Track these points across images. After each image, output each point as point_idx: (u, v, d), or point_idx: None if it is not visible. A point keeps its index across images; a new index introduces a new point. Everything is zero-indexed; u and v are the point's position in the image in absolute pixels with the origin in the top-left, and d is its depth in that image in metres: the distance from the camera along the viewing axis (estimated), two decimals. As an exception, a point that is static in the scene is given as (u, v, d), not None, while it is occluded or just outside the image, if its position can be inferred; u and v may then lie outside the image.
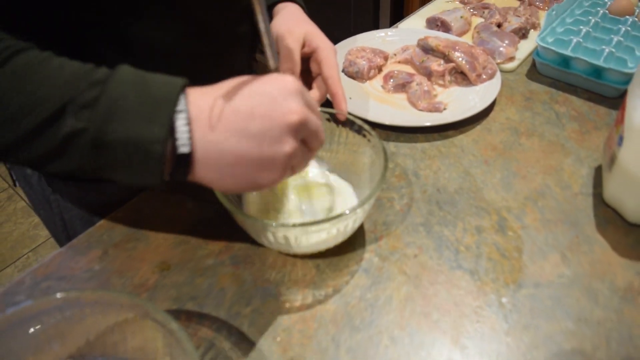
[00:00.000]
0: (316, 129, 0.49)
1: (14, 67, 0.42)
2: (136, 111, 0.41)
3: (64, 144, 0.42)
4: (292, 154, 0.46)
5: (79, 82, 0.42)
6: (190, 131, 0.43)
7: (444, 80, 0.88)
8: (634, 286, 0.57)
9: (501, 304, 0.56)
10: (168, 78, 0.44)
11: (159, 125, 0.41)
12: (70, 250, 0.62)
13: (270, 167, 0.46)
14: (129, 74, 0.43)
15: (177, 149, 0.43)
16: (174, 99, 0.42)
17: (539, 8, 1.12)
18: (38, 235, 2.06)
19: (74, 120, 0.41)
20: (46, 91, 0.41)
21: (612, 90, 0.85)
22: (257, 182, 0.47)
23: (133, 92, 0.42)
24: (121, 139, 0.41)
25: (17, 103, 0.41)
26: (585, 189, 0.70)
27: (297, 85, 0.48)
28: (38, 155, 0.43)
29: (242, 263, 0.60)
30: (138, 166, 0.43)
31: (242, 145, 0.44)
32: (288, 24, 0.68)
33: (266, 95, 0.45)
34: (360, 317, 0.55)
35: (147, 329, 0.46)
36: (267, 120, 0.44)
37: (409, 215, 0.66)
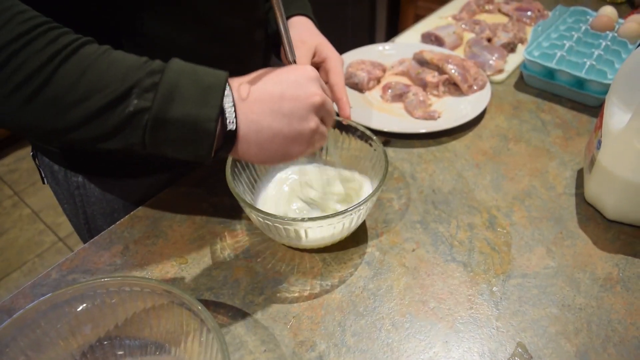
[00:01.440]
0: (331, 108, 0.57)
1: (83, 55, 0.47)
2: (191, 95, 0.48)
3: (129, 119, 0.47)
4: (316, 129, 0.54)
5: (139, 70, 0.48)
6: (235, 112, 0.50)
7: (438, 90, 0.91)
8: (613, 276, 0.61)
9: (492, 293, 0.60)
10: (212, 70, 0.51)
11: (211, 106, 0.48)
12: (94, 245, 0.66)
13: (299, 140, 0.54)
14: (181, 65, 0.50)
15: (226, 127, 0.50)
16: (222, 85, 0.49)
17: (526, 24, 1.15)
18: (43, 241, 2.08)
19: (140, 100, 0.47)
20: (112, 76, 0.47)
21: (593, 99, 0.88)
22: (289, 153, 0.54)
23: (187, 80, 0.48)
24: (179, 117, 0.47)
25: (87, 85, 0.46)
26: (569, 190, 0.73)
27: (315, 73, 0.56)
28: (105, 130, 0.48)
29: (255, 257, 0.64)
30: (192, 141, 0.49)
31: (276, 122, 0.52)
32: (302, 35, 0.74)
33: (292, 81, 0.54)
34: (363, 304, 0.59)
35: (173, 312, 0.51)
36: (295, 101, 0.53)
37: (407, 214, 0.70)
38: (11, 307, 0.60)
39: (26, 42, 0.45)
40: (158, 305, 0.51)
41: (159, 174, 0.77)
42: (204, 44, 0.67)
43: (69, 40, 0.47)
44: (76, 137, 0.49)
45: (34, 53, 0.45)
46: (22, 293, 0.61)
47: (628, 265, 0.63)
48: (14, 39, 0.44)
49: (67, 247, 2.05)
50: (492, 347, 0.55)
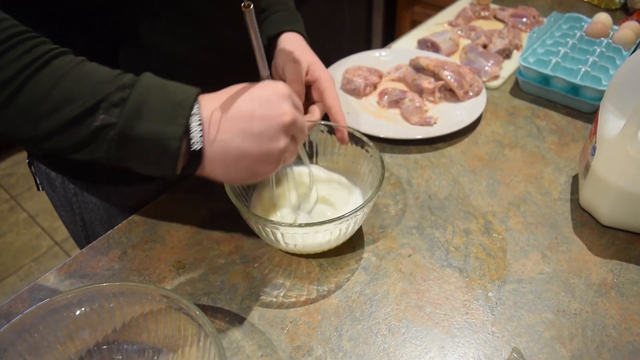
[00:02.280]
0: (303, 126, 0.56)
1: (56, 66, 0.47)
2: (158, 112, 0.48)
3: (95, 134, 0.48)
4: (285, 148, 0.53)
5: (110, 84, 0.48)
6: (202, 131, 0.49)
7: (434, 96, 0.92)
8: (607, 282, 0.62)
9: (487, 298, 0.60)
10: (184, 86, 0.51)
11: (177, 125, 0.48)
12: (92, 250, 0.67)
13: (268, 160, 0.53)
14: (151, 80, 0.50)
15: (191, 146, 0.49)
16: (190, 102, 0.49)
17: (522, 30, 1.16)
18: (40, 246, 2.07)
19: (106, 116, 0.47)
20: (83, 89, 0.47)
21: (588, 105, 0.89)
22: (257, 173, 0.54)
23: (155, 96, 0.48)
24: (144, 134, 0.47)
25: (58, 97, 0.47)
26: (564, 195, 0.74)
27: (288, 89, 0.54)
28: (71, 143, 0.48)
29: (252, 262, 0.65)
30: (156, 158, 0.49)
31: (245, 143, 0.51)
32: (294, 53, 0.74)
33: (263, 99, 0.52)
34: (360, 309, 0.59)
35: (171, 317, 0.51)
36: (265, 121, 0.51)
37: (404, 219, 0.70)
38: (9, 311, 0.60)
39: (1, 51, 0.45)
40: (156, 310, 0.51)
41: (157, 180, 0.77)
42: (202, 53, 0.68)
43: (43, 50, 0.47)
44: (48, 147, 0.50)
45: (7, 63, 0.45)
46: (20, 297, 0.61)
47: (622, 271, 0.63)
48: None
49: (64, 252, 2.05)
50: (488, 352, 0.55)
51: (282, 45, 0.77)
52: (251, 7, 0.52)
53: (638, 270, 0.63)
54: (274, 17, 0.80)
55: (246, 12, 0.52)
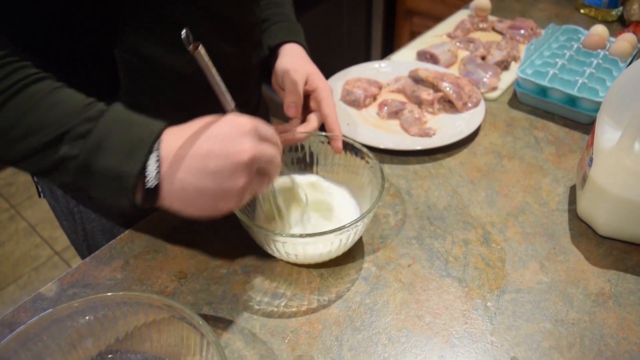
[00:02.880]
0: (270, 159, 0.55)
1: (27, 95, 0.49)
2: (118, 148, 0.50)
3: (58, 164, 0.50)
4: (246, 186, 0.52)
5: (77, 115, 0.50)
6: (159, 168, 0.50)
7: (433, 108, 0.93)
8: (605, 291, 0.63)
9: (486, 308, 0.61)
10: (150, 121, 0.52)
11: (134, 162, 0.49)
12: (94, 260, 0.67)
13: (227, 198, 0.53)
14: (118, 113, 0.51)
15: (145, 184, 0.50)
16: (151, 140, 0.50)
17: (519, 42, 1.17)
18: (39, 255, 2.07)
19: (69, 147, 0.49)
20: (50, 119, 0.49)
21: (586, 117, 0.90)
22: (217, 210, 0.54)
23: (118, 131, 0.50)
24: (104, 168, 0.50)
25: (25, 125, 0.49)
26: (562, 206, 0.75)
27: (251, 124, 0.53)
28: (39, 168, 0.51)
29: (253, 272, 0.65)
30: (114, 192, 0.51)
31: (201, 181, 0.51)
32: (294, 63, 0.75)
33: (222, 136, 0.52)
34: (360, 319, 0.60)
35: (173, 326, 0.52)
36: (222, 159, 0.51)
37: (403, 230, 0.71)
38: (12, 320, 0.60)
39: None
40: (159, 319, 0.52)
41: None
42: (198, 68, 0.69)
43: (20, 77, 0.49)
44: (21, 169, 0.53)
45: None
46: (23, 307, 0.62)
47: (620, 281, 0.64)
48: None
49: (64, 261, 2.05)
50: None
51: (282, 56, 0.78)
52: (199, 48, 0.51)
53: (635, 280, 0.64)
54: (274, 28, 0.81)
55: (195, 54, 0.52)
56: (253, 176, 0.53)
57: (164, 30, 0.63)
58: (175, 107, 0.68)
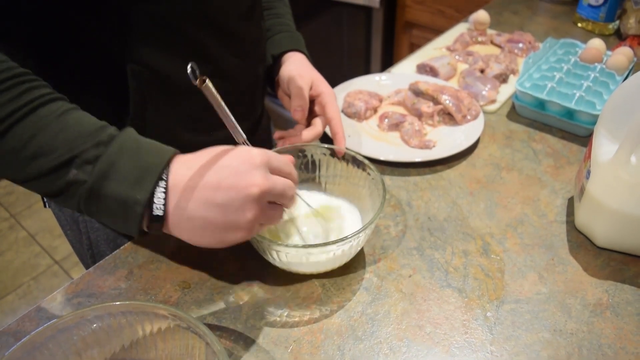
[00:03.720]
0: (281, 192, 0.55)
1: (41, 115, 0.50)
2: (127, 175, 0.50)
3: (66, 187, 0.50)
4: (255, 219, 0.53)
5: (88, 139, 0.50)
6: (166, 198, 0.51)
7: (433, 120, 0.94)
8: (603, 302, 0.63)
9: (486, 318, 0.62)
10: (160, 147, 0.52)
11: (142, 190, 0.50)
12: (98, 270, 0.68)
13: (235, 230, 0.53)
14: (128, 139, 0.51)
15: (152, 211, 0.51)
16: (159, 168, 0.51)
17: (518, 55, 1.18)
18: (39, 264, 2.08)
19: (77, 172, 0.49)
20: (60, 142, 0.49)
21: (583, 129, 0.91)
22: (224, 241, 0.54)
23: (127, 158, 0.50)
24: (111, 195, 0.50)
25: (35, 147, 0.49)
26: (560, 217, 0.76)
27: (262, 156, 0.54)
28: (47, 190, 0.51)
29: (256, 282, 0.66)
30: (121, 218, 0.51)
31: (208, 213, 0.52)
32: (298, 69, 0.77)
33: (232, 169, 0.52)
34: (362, 329, 0.61)
35: (179, 336, 0.52)
36: (231, 192, 0.51)
37: (404, 240, 0.72)
38: (17, 330, 0.61)
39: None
40: (164, 328, 0.53)
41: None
42: None
43: (33, 97, 0.49)
44: (31, 190, 0.52)
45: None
46: (28, 316, 0.62)
47: (617, 291, 0.65)
48: None
49: (63, 270, 2.05)
50: (487, 371, 0.56)
51: (286, 63, 0.80)
52: (206, 81, 0.52)
53: (633, 291, 0.65)
54: (277, 38, 0.83)
55: (203, 89, 0.52)
56: (264, 209, 0.54)
57: (174, 45, 0.65)
58: (184, 120, 0.70)
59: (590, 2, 1.29)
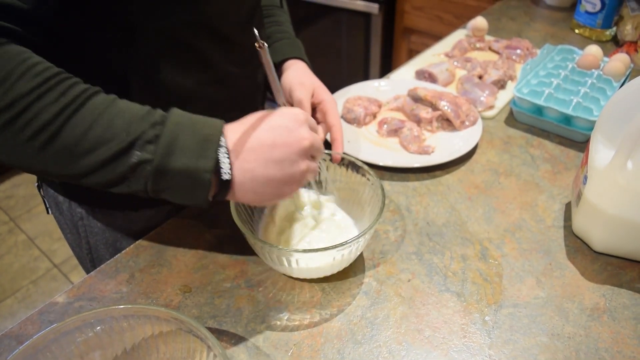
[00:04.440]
0: (320, 146, 0.61)
1: (91, 107, 0.51)
2: (189, 147, 0.52)
3: (133, 169, 0.51)
4: (306, 170, 0.58)
5: (142, 122, 0.51)
6: (230, 162, 0.53)
7: (431, 126, 0.94)
8: (600, 306, 0.64)
9: (484, 322, 0.62)
10: (209, 119, 0.55)
11: (208, 158, 0.52)
12: (99, 274, 0.68)
13: (291, 182, 0.57)
14: (181, 116, 0.53)
15: (221, 176, 0.53)
16: (218, 136, 0.53)
17: (516, 62, 1.19)
18: (38, 268, 2.08)
19: (142, 152, 0.51)
20: (117, 128, 0.51)
21: (580, 135, 0.92)
22: (282, 194, 0.58)
23: (186, 132, 0.52)
24: (178, 168, 0.51)
25: (95, 136, 0.50)
26: (557, 222, 0.76)
27: (304, 115, 0.59)
28: (110, 178, 0.52)
29: (256, 286, 0.67)
30: (190, 189, 0.53)
31: (269, 169, 0.55)
32: (299, 78, 0.78)
33: (283, 127, 0.57)
34: (361, 333, 0.61)
35: (180, 339, 0.53)
36: (286, 148, 0.56)
37: (403, 245, 0.73)
38: (19, 333, 0.61)
39: (39, 95, 0.48)
40: (166, 331, 0.53)
41: (161, 205, 0.79)
42: (206, 88, 0.71)
43: (78, 91, 0.50)
44: (86, 182, 0.53)
45: (45, 106, 0.48)
46: (30, 319, 0.63)
47: (614, 296, 0.65)
48: (28, 92, 0.48)
49: (62, 274, 2.05)
50: (485, 374, 0.57)
51: (287, 71, 0.81)
52: (265, 46, 0.56)
53: (629, 295, 0.65)
54: (277, 45, 0.84)
55: (260, 51, 0.57)
56: (309, 162, 0.58)
57: (176, 54, 0.66)
58: None
59: (587, 8, 1.30)
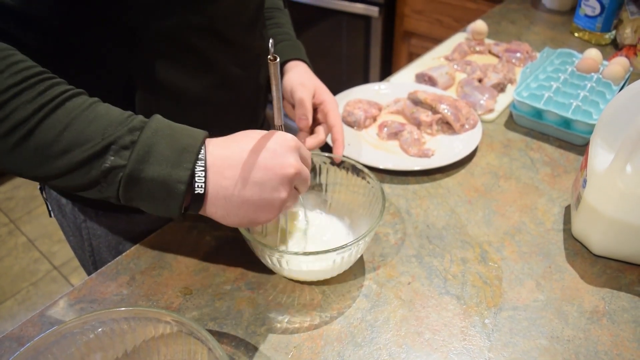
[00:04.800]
0: (306, 178, 0.58)
1: (69, 108, 0.50)
2: (165, 155, 0.50)
3: (105, 174, 0.50)
4: (286, 199, 0.55)
5: (120, 126, 0.50)
6: (205, 176, 0.52)
7: (431, 129, 0.95)
8: (599, 309, 0.64)
9: (484, 325, 0.63)
10: (192, 130, 0.53)
11: (183, 169, 0.51)
12: (100, 276, 0.69)
13: (268, 209, 0.55)
14: (160, 123, 0.52)
15: (194, 190, 0.52)
16: (197, 147, 0.52)
17: (515, 65, 1.20)
18: (38, 270, 2.08)
19: (115, 158, 0.50)
20: (94, 131, 0.50)
21: (580, 138, 0.92)
22: (256, 220, 0.56)
23: (164, 140, 0.51)
24: (152, 176, 0.50)
25: (69, 138, 0.49)
26: (557, 225, 0.76)
27: (296, 142, 0.57)
28: (81, 182, 0.51)
29: (257, 288, 0.67)
30: (162, 200, 0.52)
31: (246, 191, 0.53)
32: (301, 79, 0.78)
33: (270, 150, 0.54)
34: (362, 335, 0.61)
35: (181, 341, 0.53)
36: (268, 172, 0.53)
37: (403, 248, 0.73)
38: (20, 334, 0.62)
39: (16, 92, 0.48)
40: (167, 333, 0.53)
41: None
42: (211, 91, 0.71)
43: (58, 92, 0.50)
44: (57, 185, 0.52)
45: (22, 104, 0.48)
46: (31, 321, 0.63)
47: (613, 299, 0.66)
48: (5, 89, 0.47)
49: (62, 276, 2.06)
50: (485, 377, 0.57)
51: (289, 73, 0.81)
52: (277, 60, 0.54)
53: (628, 298, 0.66)
54: (278, 47, 0.85)
55: (271, 64, 0.55)
56: (291, 192, 0.56)
57: (181, 57, 0.66)
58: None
59: (586, 12, 1.31)
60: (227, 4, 0.67)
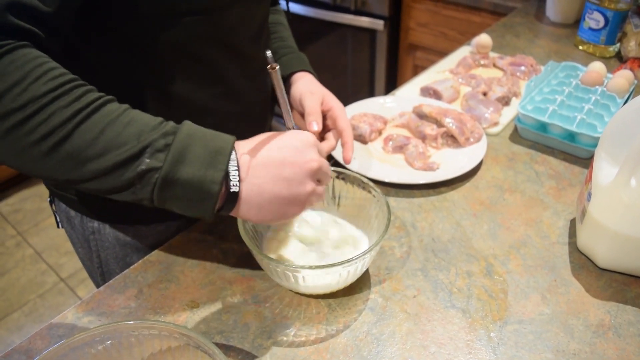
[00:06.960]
0: (327, 170, 0.62)
1: (104, 113, 0.52)
2: (200, 157, 0.53)
3: (141, 176, 0.52)
4: (312, 192, 0.59)
5: (154, 131, 0.52)
6: (238, 175, 0.54)
7: (436, 142, 0.95)
8: (605, 322, 0.64)
9: (490, 338, 0.63)
10: (221, 134, 0.56)
11: (217, 170, 0.53)
12: (108, 289, 0.69)
13: (296, 202, 0.58)
14: (192, 128, 0.55)
15: (229, 189, 0.54)
16: (229, 149, 0.54)
17: (520, 78, 1.20)
18: (45, 282, 2.09)
19: (151, 160, 0.52)
20: (129, 135, 0.51)
21: (585, 152, 0.92)
22: (286, 214, 0.59)
23: (197, 143, 0.53)
24: (187, 177, 0.52)
25: (106, 142, 0.51)
26: (562, 239, 0.77)
27: (313, 139, 0.60)
28: (116, 184, 0.52)
29: (263, 302, 0.67)
30: (197, 201, 0.53)
31: (277, 186, 0.56)
32: (309, 87, 0.80)
33: (292, 147, 0.58)
34: (367, 349, 0.62)
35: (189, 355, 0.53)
36: (295, 167, 0.57)
37: (408, 261, 0.73)
38: (28, 347, 0.62)
39: (53, 97, 0.49)
40: (174, 347, 0.54)
41: (171, 220, 0.80)
42: (219, 101, 0.73)
43: (92, 98, 0.52)
44: (89, 188, 0.53)
45: (59, 109, 0.49)
46: (40, 334, 0.64)
47: (619, 312, 0.66)
48: (42, 94, 0.49)
49: (69, 288, 2.06)
50: (491, 391, 0.57)
51: (296, 83, 0.82)
52: (277, 68, 0.58)
53: (635, 312, 0.65)
54: (284, 60, 0.86)
55: (272, 72, 0.58)
56: (315, 185, 0.59)
57: (191, 68, 0.67)
58: None
59: (591, 25, 1.32)
60: (234, 14, 0.68)
